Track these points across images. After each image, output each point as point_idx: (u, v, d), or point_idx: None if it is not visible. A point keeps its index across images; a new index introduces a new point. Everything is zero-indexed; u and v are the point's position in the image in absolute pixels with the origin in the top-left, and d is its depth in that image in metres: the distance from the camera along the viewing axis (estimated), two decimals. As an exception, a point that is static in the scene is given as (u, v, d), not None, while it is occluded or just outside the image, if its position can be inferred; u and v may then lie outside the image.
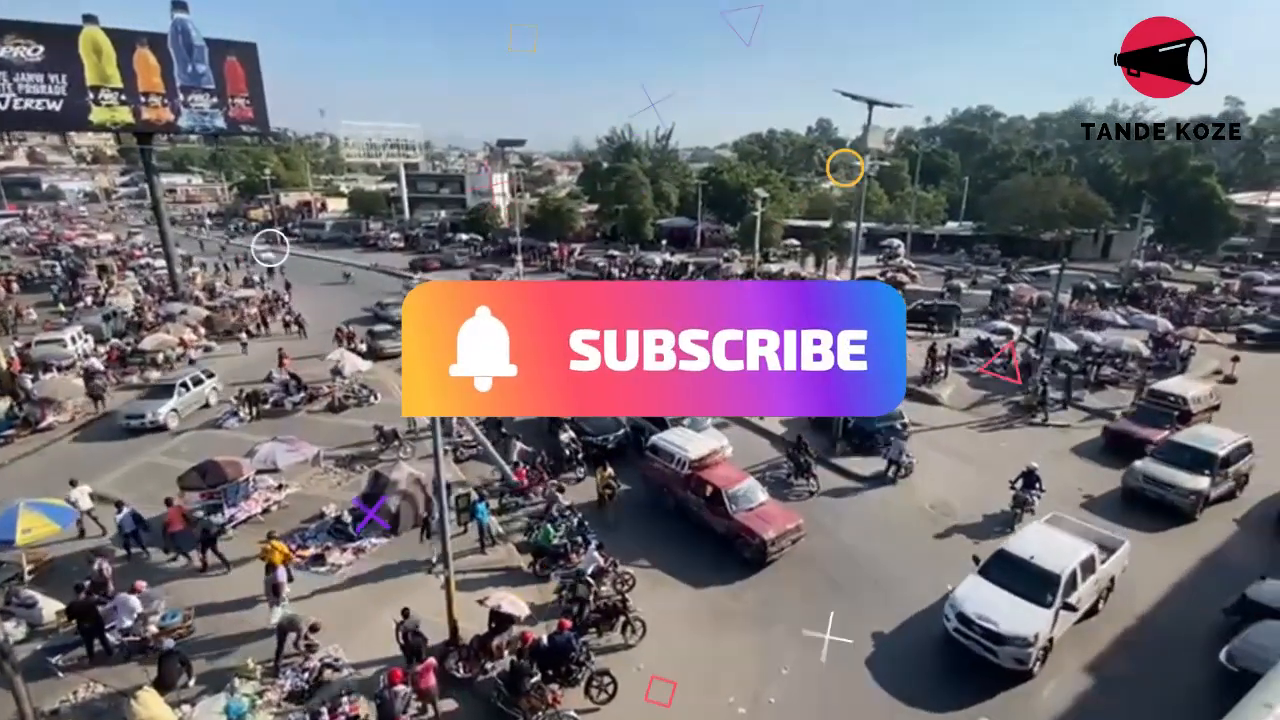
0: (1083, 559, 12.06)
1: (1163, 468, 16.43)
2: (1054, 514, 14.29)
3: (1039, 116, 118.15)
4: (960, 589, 12.18)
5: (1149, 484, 16.35)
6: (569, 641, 10.62)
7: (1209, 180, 47.02)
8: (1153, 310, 34.16)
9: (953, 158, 75.01)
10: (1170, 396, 20.62)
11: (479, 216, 66.11)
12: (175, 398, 22.26)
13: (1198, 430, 17.74)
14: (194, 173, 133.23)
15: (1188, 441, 16.85)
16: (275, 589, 12.21)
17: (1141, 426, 19.53)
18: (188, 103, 36.67)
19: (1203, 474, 15.97)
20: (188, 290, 39.96)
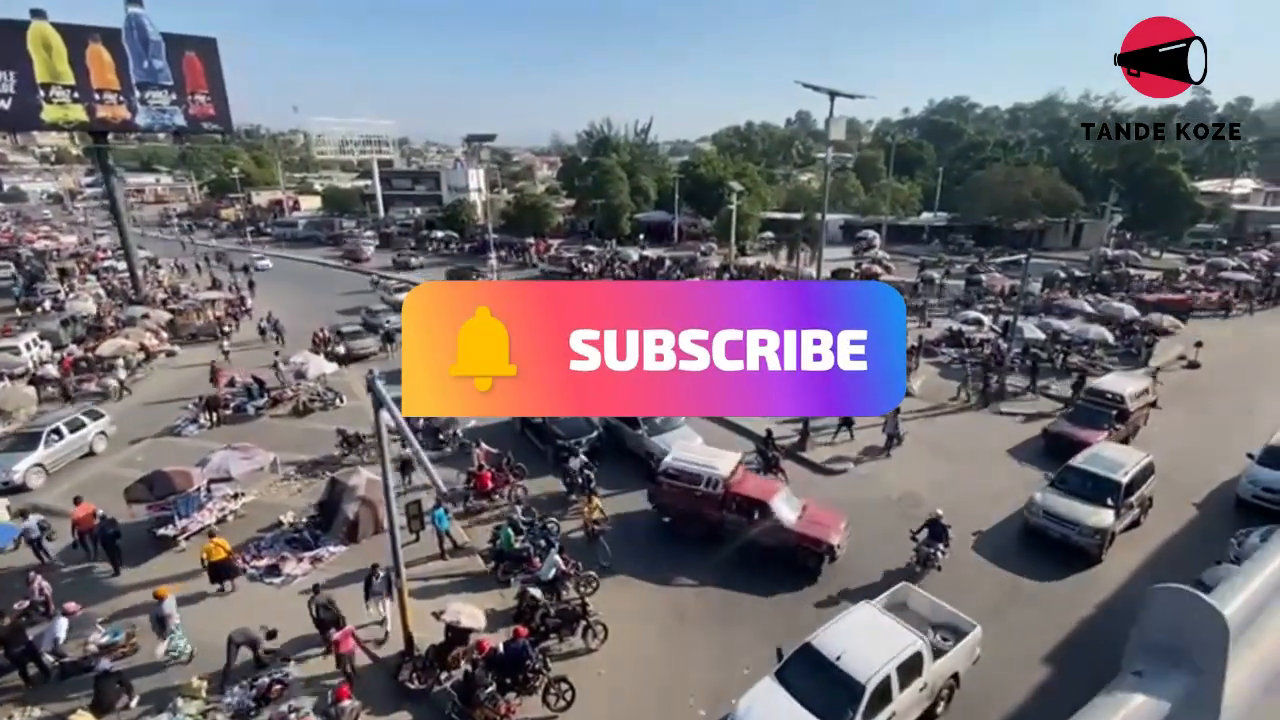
0: (903, 659, 9.49)
1: (1063, 500, 14.66)
2: (902, 584, 12.15)
3: (1013, 107, 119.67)
4: (747, 697, 9.66)
5: (1050, 520, 14.55)
6: (524, 649, 10.41)
7: (1174, 169, 47.75)
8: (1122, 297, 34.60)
9: (928, 148, 75.48)
10: (1107, 394, 19.63)
11: (455, 213, 65.32)
12: (41, 449, 18.11)
13: (1098, 452, 15.80)
14: (162, 172, 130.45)
15: (1088, 467, 15.14)
16: (161, 621, 11.39)
17: (1079, 428, 18.58)
18: (145, 100, 35.64)
19: (1106, 505, 14.26)
20: (151, 293, 39.00)
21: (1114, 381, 20.53)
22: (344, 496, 14.72)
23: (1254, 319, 33.47)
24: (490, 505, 16.45)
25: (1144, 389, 20.27)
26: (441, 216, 67.30)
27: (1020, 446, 19.71)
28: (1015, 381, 23.70)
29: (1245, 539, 13.70)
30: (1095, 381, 20.43)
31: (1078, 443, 17.44)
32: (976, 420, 21.77)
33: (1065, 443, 18.13)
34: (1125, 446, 16.68)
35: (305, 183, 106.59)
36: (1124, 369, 25.24)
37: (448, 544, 14.39)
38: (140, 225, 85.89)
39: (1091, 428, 18.42)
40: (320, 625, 11.32)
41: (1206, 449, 18.97)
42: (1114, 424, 18.66)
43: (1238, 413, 21.15)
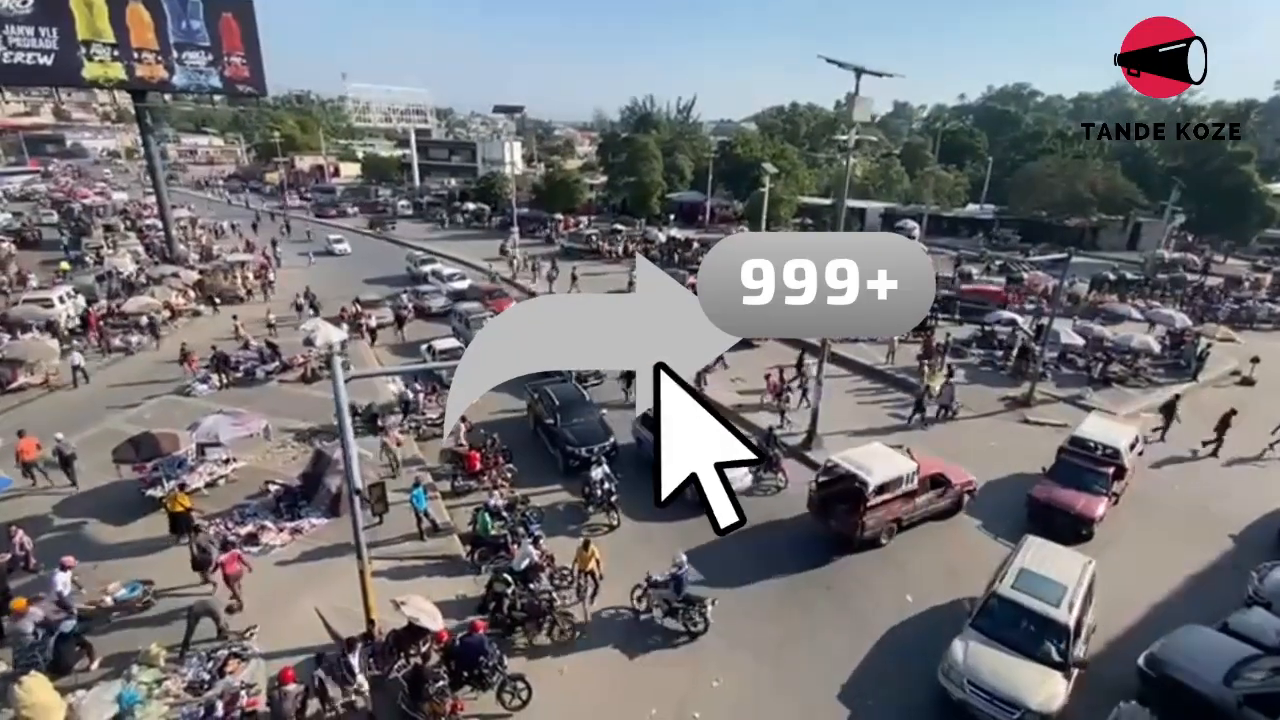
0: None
1: (991, 658, 10.10)
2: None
3: (1078, 96, 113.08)
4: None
5: (976, 696, 9.87)
6: (481, 644, 10.03)
7: (1246, 168, 44.24)
8: (1181, 303, 32.37)
9: (981, 137, 71.86)
10: (1098, 446, 15.63)
11: (489, 186, 65.10)
12: None
13: (1038, 569, 11.14)
14: (213, 134, 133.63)
15: (1026, 602, 10.54)
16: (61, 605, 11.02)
17: (1064, 488, 14.82)
18: (182, 60, 35.99)
19: (1052, 661, 9.96)
20: (184, 252, 39.80)
21: (1102, 430, 16.32)
22: (328, 469, 14.55)
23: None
24: (478, 486, 16.11)
25: (1136, 437, 16.41)
26: (475, 189, 67.20)
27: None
28: (1048, 390, 22.30)
29: (1268, 573, 12.51)
30: (1079, 430, 16.37)
31: (1061, 512, 14.37)
32: (999, 426, 20.50)
33: (1049, 513, 14.57)
34: (1058, 547, 12.05)
35: (349, 149, 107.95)
36: (1172, 381, 23.59)
37: (426, 524, 14.09)
38: (189, 185, 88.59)
39: (1080, 489, 14.71)
40: (197, 565, 12.15)
41: (1250, 475, 17.50)
42: (1110, 485, 14.85)
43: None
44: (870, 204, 60.15)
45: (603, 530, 14.84)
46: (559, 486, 16.69)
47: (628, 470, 16.40)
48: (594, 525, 15.01)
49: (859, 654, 11.55)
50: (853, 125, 15.72)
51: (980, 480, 16.05)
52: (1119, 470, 15.29)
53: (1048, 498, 14.80)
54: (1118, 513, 15.20)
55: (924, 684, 10.77)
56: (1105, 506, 14.55)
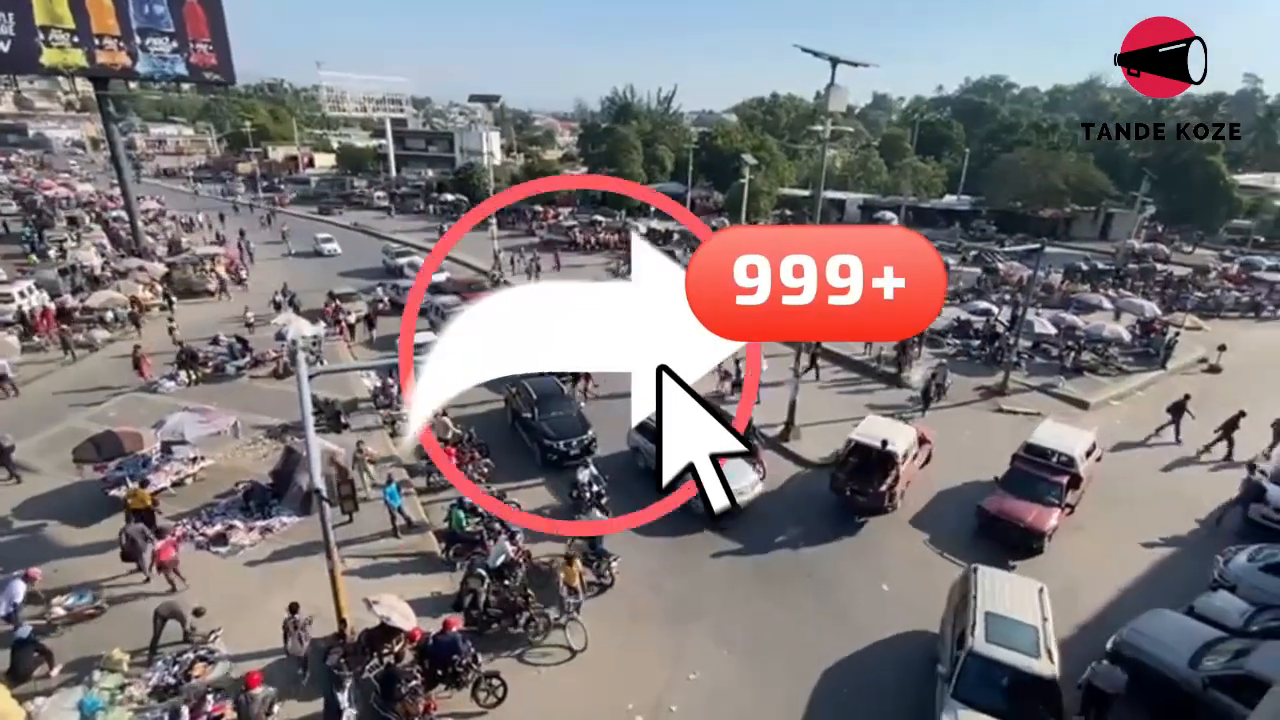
0: None
1: None
2: None
3: (1053, 89, 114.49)
4: None
5: None
6: (454, 642, 9.89)
7: (1215, 159, 45.13)
8: (1146, 294, 32.97)
9: (958, 128, 72.45)
10: (1050, 453, 15.11)
11: (467, 177, 64.25)
12: None
13: (1002, 610, 9.99)
14: (183, 124, 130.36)
15: (1006, 659, 9.32)
16: None
17: (1015, 499, 14.13)
18: (145, 46, 34.91)
19: None
20: (151, 246, 38.77)
21: (1056, 436, 15.70)
22: (299, 466, 14.24)
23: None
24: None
25: (1092, 444, 15.86)
26: (453, 179, 66.31)
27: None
28: (1021, 379, 22.62)
29: (1232, 557, 12.80)
30: (1034, 436, 15.71)
31: (1011, 527, 13.77)
32: (973, 416, 20.72)
33: (1003, 526, 13.91)
34: (1008, 576, 11.25)
35: (323, 140, 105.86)
36: (1140, 370, 24.03)
37: (400, 521, 13.88)
38: (158, 176, 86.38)
39: (1034, 500, 14.08)
40: (126, 556, 12.02)
41: (1216, 460, 17.87)
42: (1064, 495, 14.20)
43: (1256, 425, 19.77)
44: (849, 195, 60.42)
45: None
46: (539, 481, 16.50)
47: (622, 476, 15.96)
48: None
49: (835, 643, 11.60)
50: (829, 116, 15.66)
51: (958, 466, 16.21)
52: (1073, 479, 14.59)
53: (998, 510, 14.02)
54: (1088, 499, 15.40)
55: (900, 674, 10.87)
56: (1058, 518, 13.88)
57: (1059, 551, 13.85)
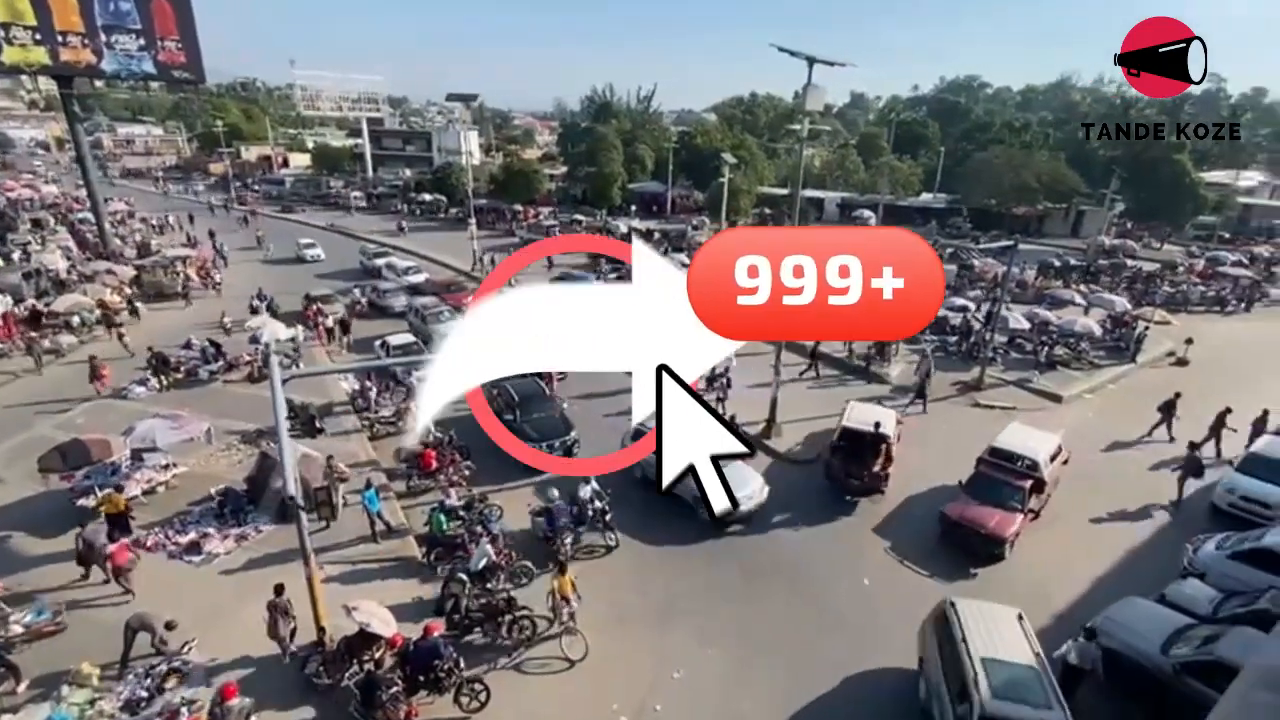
0: None
1: None
2: None
3: (1025, 88, 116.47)
4: None
5: None
6: (435, 647, 9.78)
7: (1181, 158, 46.19)
8: (1115, 289, 33.68)
9: (933, 127, 73.40)
10: (1015, 456, 14.96)
11: (446, 176, 63.66)
12: None
13: (996, 654, 9.38)
14: (151, 123, 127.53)
15: (1019, 714, 8.69)
16: None
17: (978, 504, 13.93)
18: (111, 44, 34.11)
19: None
20: (119, 248, 37.87)
21: (1021, 439, 15.46)
22: (274, 471, 13.98)
23: (1250, 316, 32.55)
24: (434, 485, 15.74)
25: (1058, 446, 15.69)
26: (431, 179, 65.67)
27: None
28: (996, 374, 22.97)
29: (1201, 545, 13.10)
30: (999, 438, 15.51)
31: (972, 533, 13.59)
32: (950, 410, 20.99)
33: (965, 532, 13.72)
34: (988, 607, 10.43)
35: (298, 139, 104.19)
36: (1112, 364, 24.52)
37: (379, 525, 13.70)
38: (126, 176, 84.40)
39: (997, 506, 13.83)
40: (81, 560, 12.04)
41: (1180, 451, 18.23)
42: (1027, 500, 14.00)
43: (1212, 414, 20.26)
44: (828, 194, 60.92)
45: (600, 552, 13.71)
46: (522, 483, 16.27)
47: (615, 486, 15.28)
48: (590, 547, 13.77)
49: (817, 640, 11.69)
50: (807, 115, 15.75)
51: (936, 462, 16.38)
52: (1037, 484, 14.39)
53: (959, 515, 13.86)
54: (1063, 490, 15.68)
55: (882, 671, 10.97)
56: (1020, 524, 13.68)
57: (1034, 544, 14.09)
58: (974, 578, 13.19)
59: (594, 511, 13.78)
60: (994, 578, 13.19)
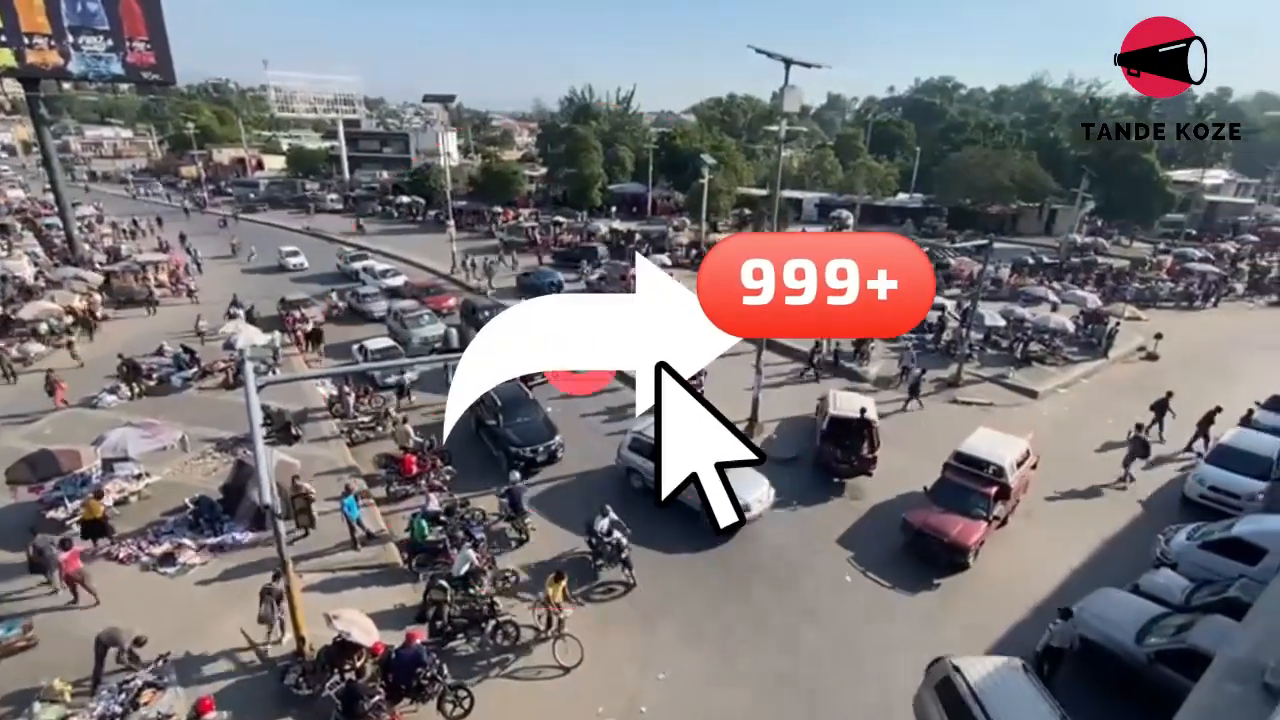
0: None
1: None
2: None
3: (998, 89, 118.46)
4: None
5: None
6: (418, 655, 9.67)
7: (1148, 157, 47.32)
8: (1087, 285, 34.37)
9: (909, 128, 74.34)
10: (981, 462, 14.48)
11: (424, 178, 63.07)
12: None
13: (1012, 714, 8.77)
14: (120, 125, 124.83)
15: None
16: None
17: (941, 511, 13.58)
18: (79, 45, 33.25)
19: None
20: (88, 253, 36.98)
21: (988, 444, 15.01)
22: (250, 480, 13.74)
23: (1217, 311, 33.42)
24: (415, 490, 15.58)
25: (1025, 451, 15.32)
26: (409, 181, 65.04)
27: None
28: (974, 371, 23.32)
29: (1173, 536, 13.40)
30: (965, 443, 15.14)
31: (934, 540, 13.23)
32: (931, 408, 21.25)
33: (927, 540, 13.39)
34: (988, 661, 9.81)
35: (273, 141, 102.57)
36: (1084, 359, 25.02)
37: (360, 533, 13.52)
38: (95, 181, 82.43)
39: (962, 513, 13.44)
40: (34, 568, 11.90)
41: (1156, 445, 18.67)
42: (991, 507, 13.56)
43: (1191, 409, 20.78)
44: (806, 194, 61.40)
45: (619, 591, 12.86)
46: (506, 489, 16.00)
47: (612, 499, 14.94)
48: (608, 584, 12.96)
49: (801, 639, 11.76)
50: (785, 116, 15.87)
51: (917, 459, 16.55)
52: (1002, 490, 13.99)
53: (922, 523, 13.53)
54: (1038, 484, 15.93)
55: (867, 671, 11.07)
56: (984, 532, 13.32)
57: (1009, 538, 14.32)
58: (937, 588, 12.97)
59: (612, 545, 12.74)
60: (975, 569, 13.36)
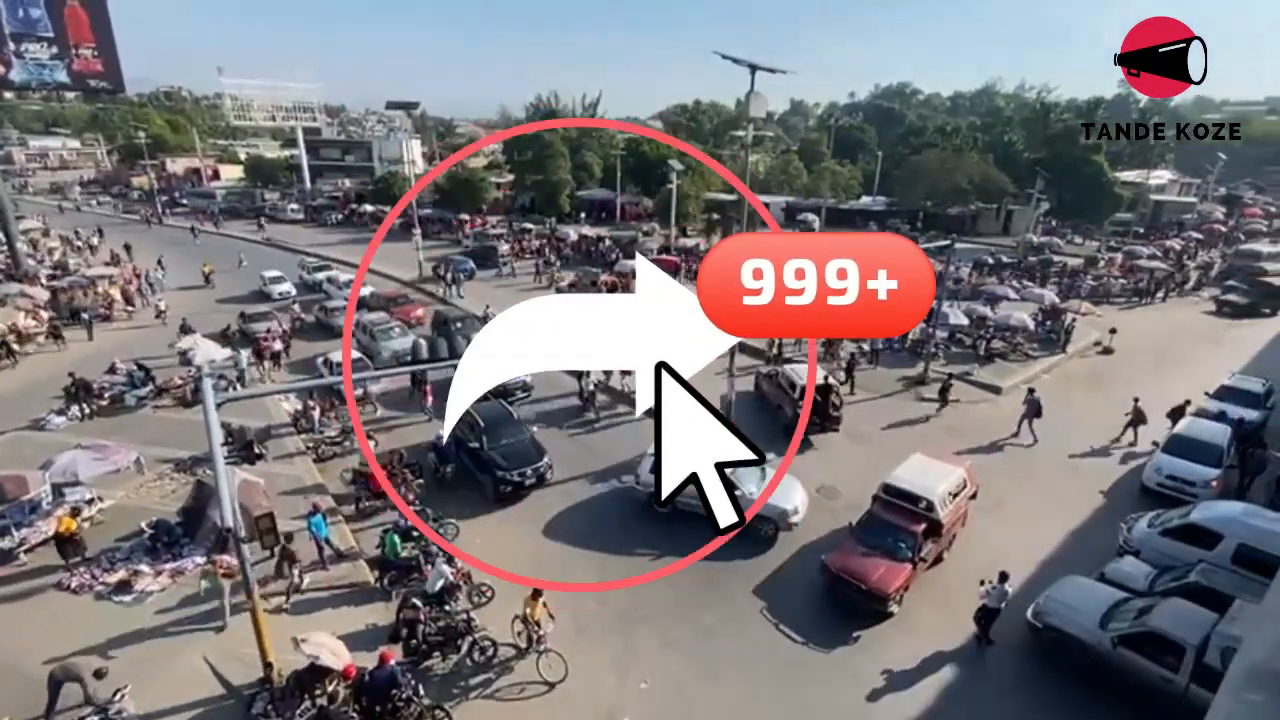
0: None
1: None
2: None
3: (954, 94, 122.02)
4: None
5: None
6: (392, 676, 9.41)
7: (1098, 159, 49.14)
8: (1044, 283, 35.44)
9: (870, 132, 76.01)
10: (913, 497, 12.98)
11: (388, 186, 62.06)
12: None
13: None
14: (67, 135, 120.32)
15: None
16: None
17: (863, 553, 12.23)
18: (20, 53, 32.13)
19: None
20: (33, 269, 35.41)
21: (919, 474, 13.56)
22: (211, 501, 13.24)
23: (1166, 306, 34.75)
24: (386, 505, 15.21)
25: (961, 481, 13.85)
26: (372, 189, 63.98)
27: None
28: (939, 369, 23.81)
29: (1134, 524, 13.81)
30: (894, 473, 13.72)
31: (861, 589, 11.78)
32: (898, 405, 21.61)
33: (844, 586, 12.09)
34: None
35: (230, 150, 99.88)
36: (1044, 355, 25.75)
37: (328, 551, 13.14)
38: (40, 194, 79.10)
39: (886, 556, 12.13)
40: None
41: (1107, 434, 19.25)
42: (918, 547, 12.19)
43: (1149, 401, 21.46)
44: (773, 198, 62.16)
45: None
46: (492, 513, 15.49)
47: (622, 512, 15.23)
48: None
49: (781, 644, 11.78)
50: (750, 121, 16.03)
51: (888, 458, 16.77)
52: (932, 527, 12.56)
53: (840, 568, 12.17)
54: (1005, 478, 16.25)
55: (850, 674, 11.13)
56: (908, 577, 12.00)
57: (980, 529, 14.59)
58: (856, 641, 11.67)
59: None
60: (950, 555, 13.55)
